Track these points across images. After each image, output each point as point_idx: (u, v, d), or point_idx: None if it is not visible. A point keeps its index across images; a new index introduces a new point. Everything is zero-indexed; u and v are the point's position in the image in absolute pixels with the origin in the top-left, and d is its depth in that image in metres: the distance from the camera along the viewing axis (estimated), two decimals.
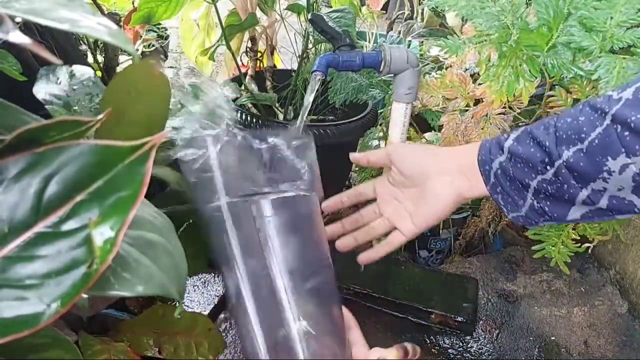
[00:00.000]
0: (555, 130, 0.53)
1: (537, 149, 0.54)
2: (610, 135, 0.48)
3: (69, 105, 0.54)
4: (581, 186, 0.52)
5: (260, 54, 1.25)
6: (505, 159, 0.57)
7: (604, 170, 0.49)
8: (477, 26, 0.81)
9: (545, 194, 0.55)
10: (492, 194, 0.59)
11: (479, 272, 1.10)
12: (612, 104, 0.48)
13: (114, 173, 0.27)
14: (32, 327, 0.25)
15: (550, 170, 0.53)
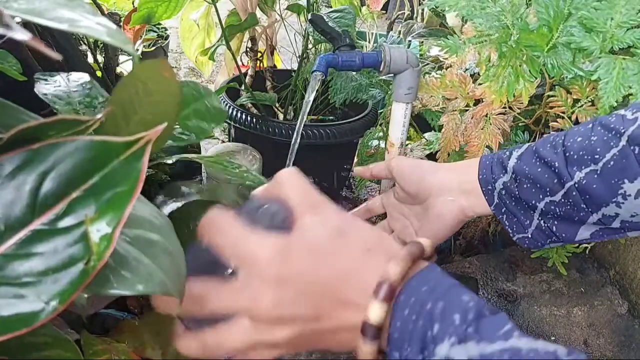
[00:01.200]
0: (564, 150, 0.51)
1: (544, 169, 0.52)
2: (628, 156, 0.46)
3: (70, 105, 0.55)
4: (591, 210, 0.50)
5: (260, 54, 1.26)
6: (509, 179, 0.55)
7: (619, 193, 0.47)
8: (477, 26, 0.81)
9: (553, 215, 0.53)
10: (496, 214, 0.57)
11: (478, 272, 1.10)
12: (627, 124, 0.47)
13: (109, 169, 0.27)
14: (30, 325, 0.25)
15: (560, 192, 0.51)
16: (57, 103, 0.53)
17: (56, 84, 0.56)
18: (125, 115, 0.44)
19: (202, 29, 1.30)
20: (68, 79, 0.58)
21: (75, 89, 0.57)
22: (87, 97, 0.56)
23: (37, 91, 0.54)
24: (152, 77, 0.44)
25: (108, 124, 0.44)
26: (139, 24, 1.02)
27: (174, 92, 0.46)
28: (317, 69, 0.80)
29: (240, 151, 1.09)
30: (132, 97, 0.44)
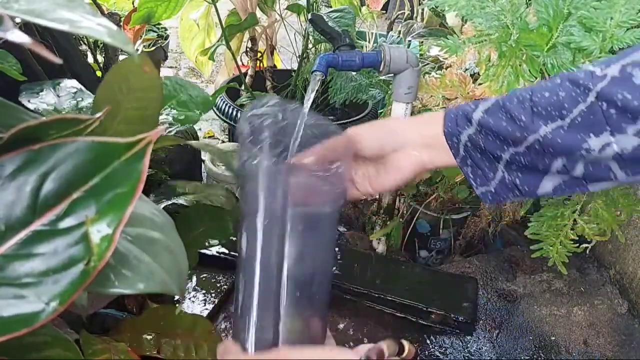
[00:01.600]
0: (531, 104, 0.51)
1: (510, 123, 0.53)
2: (596, 112, 0.47)
3: (57, 110, 0.55)
4: (557, 157, 0.51)
5: (260, 54, 1.26)
6: (474, 131, 0.55)
7: (583, 147, 0.48)
8: (477, 26, 0.81)
9: (517, 165, 0.54)
10: (461, 167, 0.58)
11: (478, 271, 1.10)
12: (596, 81, 0.47)
13: (110, 170, 0.27)
14: (30, 325, 0.25)
15: (524, 144, 0.52)
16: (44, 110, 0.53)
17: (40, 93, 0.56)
18: (111, 112, 0.44)
19: (202, 29, 1.30)
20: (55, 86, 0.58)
21: (62, 94, 0.57)
22: (72, 99, 0.57)
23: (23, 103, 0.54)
24: (134, 72, 0.44)
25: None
26: (139, 24, 1.02)
27: (155, 85, 0.46)
28: (317, 69, 0.80)
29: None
30: (115, 93, 0.44)
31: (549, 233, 0.74)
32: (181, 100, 0.60)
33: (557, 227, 0.74)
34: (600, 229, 0.73)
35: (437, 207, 1.15)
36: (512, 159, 0.54)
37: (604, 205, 0.72)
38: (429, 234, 1.16)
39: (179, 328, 0.58)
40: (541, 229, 0.75)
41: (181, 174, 0.76)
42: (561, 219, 0.74)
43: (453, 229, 1.16)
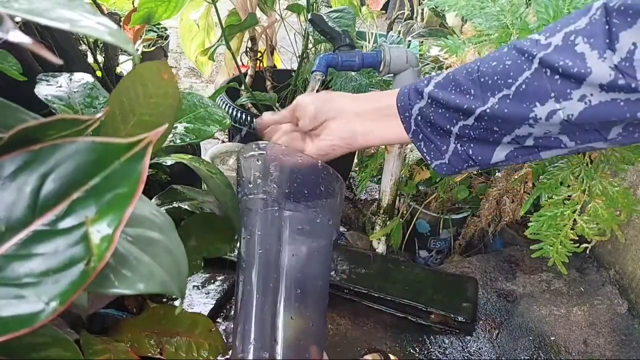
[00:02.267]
0: (479, 75, 0.51)
1: (458, 95, 0.53)
2: (540, 79, 0.47)
3: (70, 105, 0.55)
4: (504, 133, 0.51)
5: (260, 54, 1.26)
6: (425, 104, 0.55)
7: (530, 117, 0.48)
8: (477, 26, 0.81)
9: (468, 138, 0.54)
10: (414, 142, 0.58)
11: (478, 272, 1.10)
12: (540, 49, 0.48)
13: (110, 170, 0.27)
14: (30, 325, 0.25)
15: (472, 116, 0.52)
16: (57, 103, 0.53)
17: (57, 84, 0.57)
18: (124, 116, 0.44)
19: (202, 29, 1.30)
20: (70, 80, 0.58)
21: (77, 90, 0.57)
22: (87, 97, 0.57)
23: (37, 93, 0.54)
24: (152, 79, 0.44)
25: (107, 124, 0.44)
26: (139, 24, 1.02)
27: (173, 94, 0.46)
28: (317, 69, 0.80)
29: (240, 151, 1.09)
30: (131, 98, 0.44)
31: (548, 233, 0.74)
32: (199, 116, 0.62)
33: (556, 227, 0.74)
34: (600, 228, 0.73)
35: (437, 207, 1.15)
36: (462, 132, 0.54)
37: (604, 205, 0.72)
38: (429, 234, 1.16)
39: (180, 327, 0.58)
40: (541, 229, 0.75)
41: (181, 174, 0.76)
42: (561, 219, 0.74)
43: (453, 229, 1.16)
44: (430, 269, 1.09)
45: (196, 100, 0.64)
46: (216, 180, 0.56)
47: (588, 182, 0.73)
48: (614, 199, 0.72)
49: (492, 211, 1.05)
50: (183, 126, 0.60)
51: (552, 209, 0.74)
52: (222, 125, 0.63)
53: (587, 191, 0.73)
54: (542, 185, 0.75)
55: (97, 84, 0.59)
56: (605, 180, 0.72)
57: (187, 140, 0.58)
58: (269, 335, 0.57)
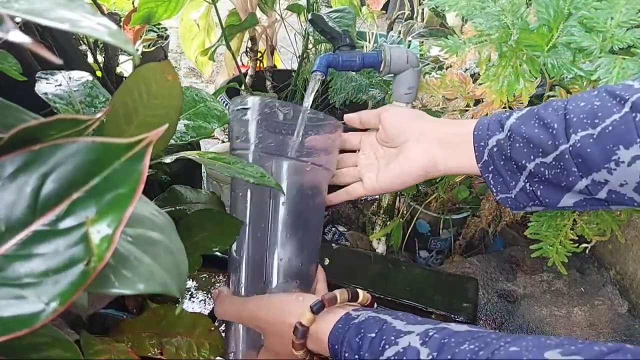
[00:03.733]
0: (565, 112, 0.50)
1: (542, 130, 0.51)
2: (628, 123, 0.46)
3: (71, 104, 0.55)
4: (582, 175, 0.50)
5: (260, 54, 1.26)
6: (504, 137, 0.54)
7: (612, 159, 0.47)
8: (477, 26, 0.81)
9: (540, 178, 0.53)
10: (482, 172, 0.57)
11: (479, 272, 1.10)
12: (633, 92, 0.47)
13: (110, 170, 0.27)
14: (30, 325, 0.25)
15: (553, 154, 0.51)
16: (58, 102, 0.53)
17: (57, 83, 0.56)
18: (127, 117, 0.44)
19: (202, 29, 1.30)
20: (69, 78, 0.58)
21: (77, 89, 0.57)
22: (88, 96, 0.57)
23: (38, 90, 0.54)
24: (156, 79, 0.44)
25: (110, 125, 0.44)
26: (139, 24, 1.02)
27: (176, 95, 0.46)
28: (317, 69, 0.80)
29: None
30: (134, 99, 0.44)
31: (548, 233, 0.74)
32: (198, 112, 0.62)
33: (556, 227, 0.73)
34: (600, 229, 0.73)
35: (437, 207, 1.14)
36: (537, 170, 0.53)
37: None
38: (429, 234, 1.16)
39: (180, 327, 0.58)
40: (541, 229, 0.75)
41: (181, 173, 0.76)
42: (561, 219, 0.74)
43: (453, 229, 1.16)
44: (430, 269, 1.09)
45: (194, 95, 0.63)
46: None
47: None
48: None
49: (492, 211, 1.05)
50: (182, 123, 0.60)
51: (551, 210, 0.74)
52: (221, 122, 0.62)
53: None
54: None
55: (96, 83, 0.59)
56: None
57: (188, 139, 0.58)
58: (259, 278, 0.63)
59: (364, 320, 0.49)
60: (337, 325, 0.51)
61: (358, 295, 0.56)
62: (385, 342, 0.45)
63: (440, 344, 0.42)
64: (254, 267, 0.63)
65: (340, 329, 0.50)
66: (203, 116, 0.61)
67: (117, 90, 0.44)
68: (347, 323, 0.50)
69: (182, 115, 0.61)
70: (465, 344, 0.40)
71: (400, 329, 0.46)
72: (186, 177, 1.05)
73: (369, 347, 0.46)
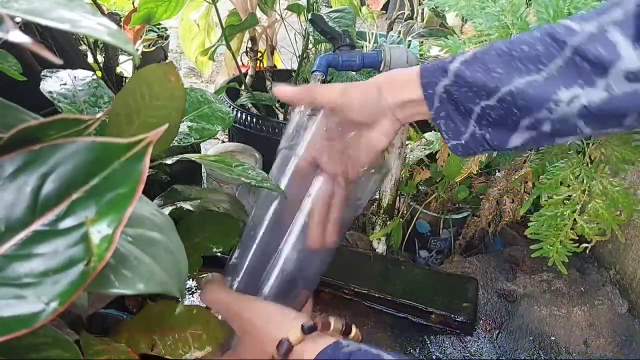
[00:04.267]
0: (510, 58, 0.52)
1: (485, 74, 0.53)
2: (570, 65, 0.48)
3: (75, 104, 0.55)
4: (524, 115, 0.52)
5: (260, 54, 1.26)
6: (450, 82, 0.55)
7: (552, 99, 0.49)
8: (477, 26, 0.81)
9: (488, 120, 0.55)
10: (435, 119, 0.58)
11: (478, 272, 1.10)
12: (573, 36, 0.49)
13: (110, 170, 0.27)
14: (30, 325, 0.25)
15: (496, 96, 0.52)
16: (62, 102, 0.53)
17: (62, 81, 0.56)
18: (129, 117, 0.44)
19: (202, 29, 1.30)
20: (74, 77, 0.58)
21: (81, 88, 0.57)
22: (92, 96, 0.57)
23: (42, 89, 0.54)
24: (158, 81, 0.44)
25: (111, 125, 0.44)
26: (139, 24, 1.02)
27: (179, 96, 0.46)
28: (317, 69, 0.80)
29: (240, 151, 1.09)
30: (137, 100, 0.44)
31: (548, 233, 0.74)
32: (202, 114, 0.61)
33: (556, 226, 0.74)
34: (600, 228, 0.73)
35: (437, 207, 1.15)
36: (483, 113, 0.55)
37: (604, 205, 0.72)
38: (429, 234, 1.16)
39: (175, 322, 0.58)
40: (541, 229, 0.75)
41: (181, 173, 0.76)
42: (561, 219, 0.74)
43: (453, 229, 1.16)
44: (430, 269, 1.09)
45: (199, 96, 0.62)
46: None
47: (588, 182, 0.73)
48: (614, 199, 0.72)
49: (492, 211, 1.05)
50: (186, 125, 0.59)
51: (552, 209, 0.74)
52: (225, 124, 0.61)
53: (587, 191, 0.73)
54: (542, 185, 0.75)
55: (101, 83, 0.59)
56: (605, 180, 0.72)
57: (191, 141, 0.58)
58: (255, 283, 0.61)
59: (354, 351, 0.48)
60: (325, 350, 0.50)
61: (350, 330, 0.55)
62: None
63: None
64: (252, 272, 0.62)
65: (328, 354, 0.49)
66: (207, 118, 0.61)
67: (119, 92, 0.44)
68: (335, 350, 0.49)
69: (186, 117, 0.60)
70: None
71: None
72: (187, 177, 1.05)
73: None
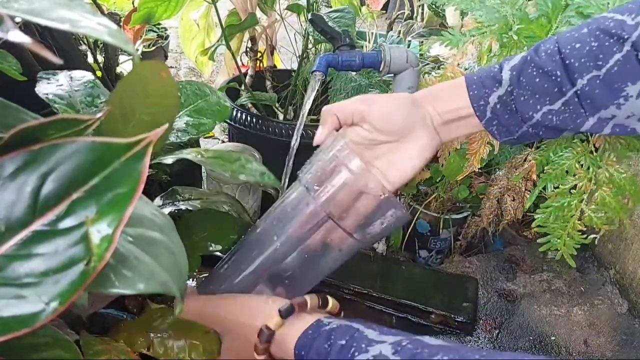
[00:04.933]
0: (562, 57, 0.51)
1: (544, 79, 0.52)
2: (631, 61, 0.48)
3: (72, 105, 0.55)
4: (589, 114, 0.51)
5: (260, 54, 1.26)
6: (505, 92, 0.54)
7: (621, 95, 0.49)
8: (477, 18, 0.81)
9: (546, 126, 0.54)
10: (486, 127, 0.57)
11: (479, 271, 1.10)
12: (629, 30, 0.48)
13: (110, 170, 0.27)
14: (30, 325, 0.25)
15: (561, 100, 0.52)
16: (58, 103, 0.53)
17: (58, 83, 0.56)
18: (124, 116, 0.44)
19: (202, 29, 1.30)
20: (71, 78, 0.58)
21: (78, 88, 0.57)
22: (89, 96, 0.57)
23: (38, 91, 0.54)
24: (151, 78, 0.44)
25: (107, 124, 0.44)
26: (139, 23, 1.02)
27: (172, 93, 0.46)
28: (317, 69, 0.80)
29: (240, 151, 1.09)
30: (131, 98, 0.44)
31: (555, 225, 0.72)
32: (198, 108, 0.60)
33: (564, 218, 0.72)
34: (608, 217, 0.72)
35: (437, 207, 1.14)
36: (544, 119, 0.53)
37: (611, 193, 0.71)
38: (429, 233, 1.16)
39: (177, 328, 0.58)
40: (548, 221, 0.73)
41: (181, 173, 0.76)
42: (568, 209, 0.72)
43: (453, 229, 1.16)
44: (430, 269, 1.09)
45: (195, 90, 0.61)
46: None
47: (594, 170, 0.71)
48: (621, 186, 0.70)
49: (492, 210, 1.05)
50: (183, 121, 0.58)
51: (558, 199, 0.73)
52: (221, 117, 0.60)
53: (593, 179, 0.72)
54: (548, 175, 0.74)
55: (98, 83, 0.59)
56: (611, 167, 0.71)
57: (188, 137, 0.57)
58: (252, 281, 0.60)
59: (335, 328, 0.47)
60: (306, 332, 0.49)
61: (327, 302, 0.54)
62: (355, 350, 0.43)
63: (413, 353, 0.41)
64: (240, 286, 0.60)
65: (310, 335, 0.48)
66: (203, 112, 0.59)
67: (113, 91, 0.44)
68: (317, 330, 0.48)
69: (182, 112, 0.59)
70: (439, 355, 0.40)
71: (373, 338, 0.44)
72: (186, 177, 1.05)
73: (338, 353, 0.44)
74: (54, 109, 0.52)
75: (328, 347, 0.45)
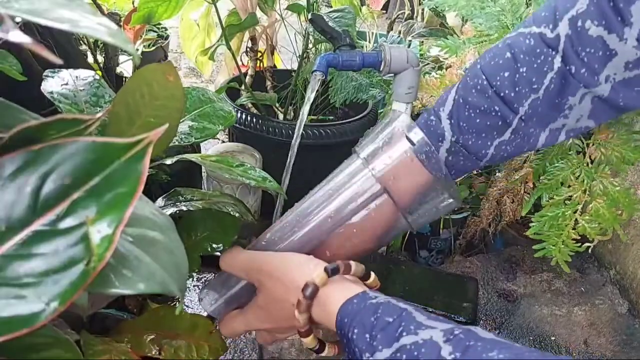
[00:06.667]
0: (495, 91, 0.50)
1: (485, 118, 0.51)
2: (566, 76, 0.47)
3: (76, 104, 0.55)
4: (540, 130, 0.51)
5: (260, 54, 1.26)
6: (450, 143, 0.54)
7: (565, 108, 0.49)
8: (477, 26, 0.81)
9: (503, 156, 0.54)
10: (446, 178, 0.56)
11: (479, 271, 1.10)
12: (553, 43, 0.47)
13: (110, 170, 0.27)
14: (30, 325, 0.25)
15: (509, 130, 0.52)
16: (62, 102, 0.53)
17: (63, 81, 0.56)
18: (129, 117, 0.44)
19: (202, 29, 1.30)
20: (76, 77, 0.58)
21: (83, 88, 0.56)
22: (94, 96, 0.56)
23: (43, 89, 0.54)
24: (158, 80, 0.44)
25: (112, 126, 0.44)
26: (139, 23, 1.02)
27: (178, 96, 0.46)
28: (317, 69, 0.80)
29: (241, 151, 1.09)
30: (136, 100, 0.44)
31: (550, 233, 0.74)
32: (203, 113, 0.60)
33: (558, 226, 0.73)
34: (602, 228, 0.73)
35: None
36: (498, 151, 0.54)
37: (605, 204, 0.72)
38: (429, 234, 1.16)
39: (180, 328, 0.58)
40: (543, 229, 0.74)
41: (181, 173, 0.76)
42: (562, 219, 0.74)
43: (453, 229, 1.16)
44: (430, 269, 1.09)
45: (200, 95, 0.62)
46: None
47: (589, 182, 0.73)
48: (615, 198, 0.72)
49: (492, 211, 1.05)
50: (187, 125, 0.59)
51: (553, 209, 0.74)
52: (227, 122, 0.61)
53: (587, 191, 0.73)
54: (543, 185, 0.75)
55: (103, 83, 0.58)
56: (605, 180, 0.72)
57: (192, 140, 0.57)
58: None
59: (382, 303, 0.45)
60: (352, 300, 0.47)
61: (369, 275, 0.53)
62: (403, 330, 0.42)
63: (466, 345, 0.38)
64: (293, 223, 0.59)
65: (356, 304, 0.46)
66: (208, 117, 0.60)
67: (119, 92, 0.44)
68: (363, 300, 0.46)
69: (187, 116, 0.60)
70: (494, 352, 0.37)
71: (422, 321, 0.43)
72: (186, 177, 1.05)
73: (384, 329, 0.42)
74: (58, 108, 0.52)
75: (374, 321, 0.44)
